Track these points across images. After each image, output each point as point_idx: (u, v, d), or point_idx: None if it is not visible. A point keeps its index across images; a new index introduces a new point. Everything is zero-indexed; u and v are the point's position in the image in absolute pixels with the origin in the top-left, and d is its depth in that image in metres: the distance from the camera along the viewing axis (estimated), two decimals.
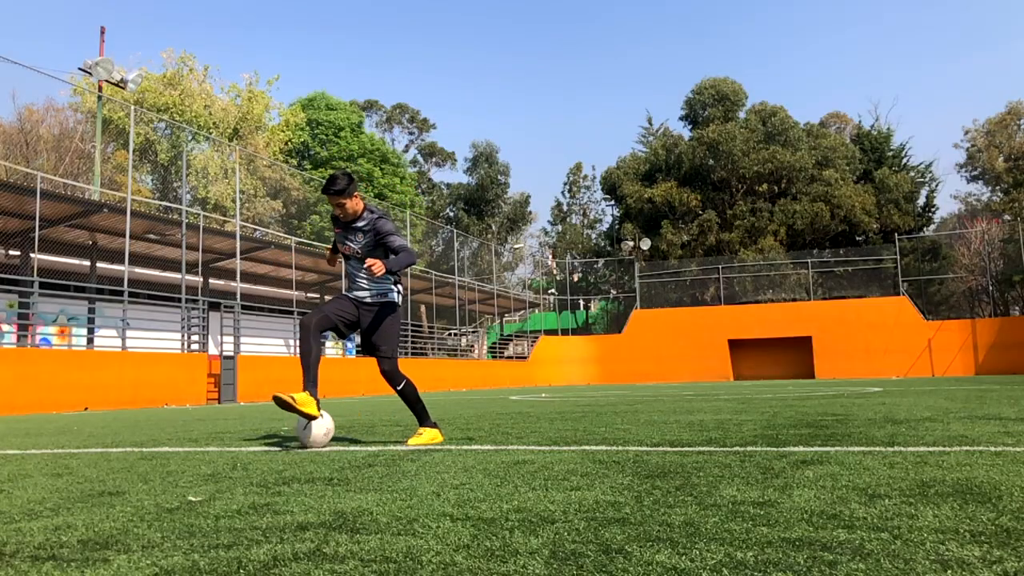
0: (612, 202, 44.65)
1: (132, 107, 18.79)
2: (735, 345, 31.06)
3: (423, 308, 33.69)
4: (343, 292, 4.51)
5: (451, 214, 49.39)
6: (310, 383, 4.11)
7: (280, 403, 3.96)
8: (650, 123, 46.71)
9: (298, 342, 4.69)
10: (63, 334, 15.63)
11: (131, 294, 15.58)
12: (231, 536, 1.88)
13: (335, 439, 4.97)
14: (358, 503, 2.33)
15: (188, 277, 18.26)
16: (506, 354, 34.35)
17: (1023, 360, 25.69)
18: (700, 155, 38.41)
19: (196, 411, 11.17)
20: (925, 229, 40.15)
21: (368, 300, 4.39)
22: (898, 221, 37.06)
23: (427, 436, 4.37)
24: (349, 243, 4.41)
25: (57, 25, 67.48)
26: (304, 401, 4.01)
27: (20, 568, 1.63)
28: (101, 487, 2.86)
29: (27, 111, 31.76)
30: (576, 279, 42.06)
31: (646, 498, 2.27)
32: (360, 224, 4.37)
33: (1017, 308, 37.70)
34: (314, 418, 4.07)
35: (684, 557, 1.56)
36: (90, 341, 15.95)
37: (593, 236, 49.59)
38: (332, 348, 23.92)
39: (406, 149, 50.79)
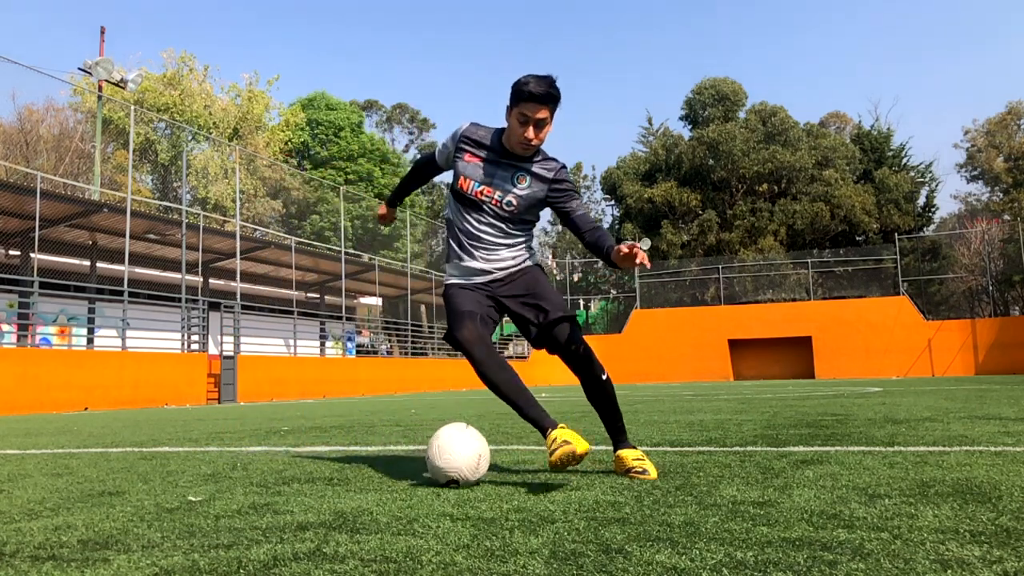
0: (612, 202, 44.63)
1: (132, 107, 18.80)
2: (735, 345, 31.05)
3: (423, 308, 33.68)
4: (454, 282, 2.95)
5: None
6: (535, 412, 2.74)
7: (563, 464, 2.49)
8: (650, 123, 46.68)
9: (475, 374, 2.82)
10: (63, 334, 15.63)
11: (131, 294, 15.58)
12: (231, 536, 1.88)
13: (333, 440, 4.96)
14: (358, 503, 2.33)
15: (188, 277, 18.26)
16: (506, 354, 34.35)
17: (1023, 360, 25.69)
18: (700, 155, 38.41)
19: (196, 411, 11.17)
20: (925, 229, 40.14)
21: (512, 268, 2.94)
22: (898, 221, 37.05)
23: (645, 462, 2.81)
24: (500, 186, 2.84)
25: (57, 25, 67.51)
26: (563, 439, 2.53)
27: (20, 568, 1.63)
28: (101, 487, 2.86)
29: (27, 111, 31.78)
30: (576, 279, 42.06)
31: (646, 498, 2.27)
32: (535, 167, 2.85)
33: (1017, 308, 37.70)
34: (584, 453, 2.50)
35: (684, 557, 1.56)
36: (90, 341, 15.96)
37: None
38: (332, 348, 23.92)
39: (406, 149, 50.81)
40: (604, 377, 2.92)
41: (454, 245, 2.96)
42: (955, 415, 5.49)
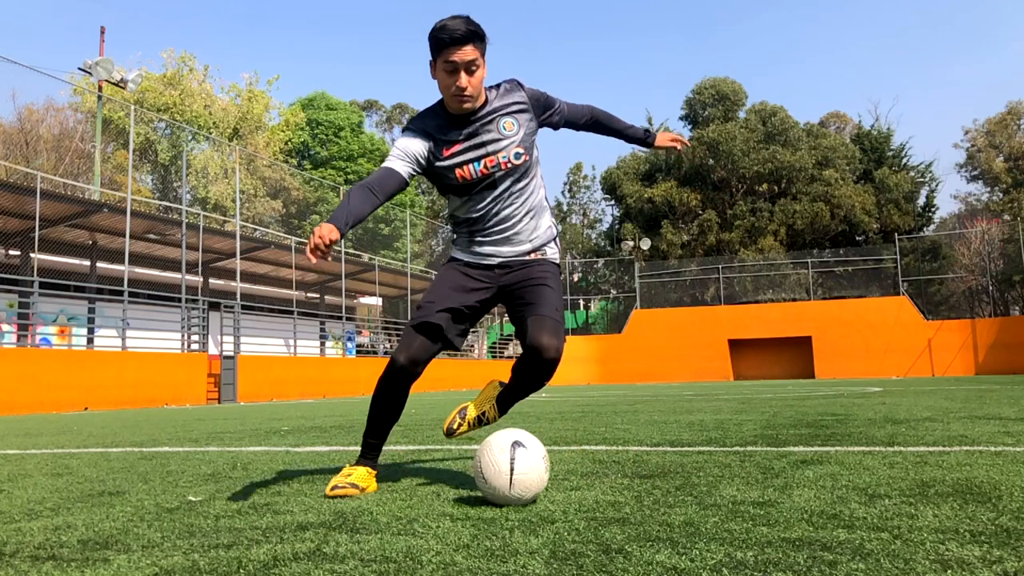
0: (612, 202, 44.63)
1: (132, 107, 18.81)
2: (735, 345, 31.05)
3: None
4: (458, 257, 2.69)
5: None
6: (374, 441, 2.67)
7: (335, 495, 2.47)
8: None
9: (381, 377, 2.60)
10: (63, 334, 15.64)
11: (131, 294, 15.59)
12: (231, 536, 1.89)
13: (333, 440, 4.96)
14: (358, 503, 2.33)
15: (188, 277, 18.27)
16: (506, 354, 34.34)
17: (1023, 360, 25.69)
18: (700, 155, 38.41)
19: (196, 411, 11.17)
20: (925, 229, 40.14)
21: (525, 256, 2.63)
22: (898, 221, 37.06)
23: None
24: (495, 146, 2.51)
25: (57, 25, 67.51)
26: (356, 479, 2.53)
27: (20, 568, 1.63)
28: (101, 487, 2.86)
29: (27, 111, 31.77)
30: (576, 279, 42.04)
31: (646, 498, 2.27)
32: (499, 103, 2.55)
33: (1017, 308, 37.71)
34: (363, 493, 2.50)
35: (684, 557, 1.56)
36: (90, 341, 15.96)
37: (593, 236, 49.59)
38: (332, 348, 23.92)
39: None
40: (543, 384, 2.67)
41: (466, 238, 2.67)
42: (955, 415, 5.49)
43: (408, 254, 30.14)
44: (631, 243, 37.02)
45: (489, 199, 2.57)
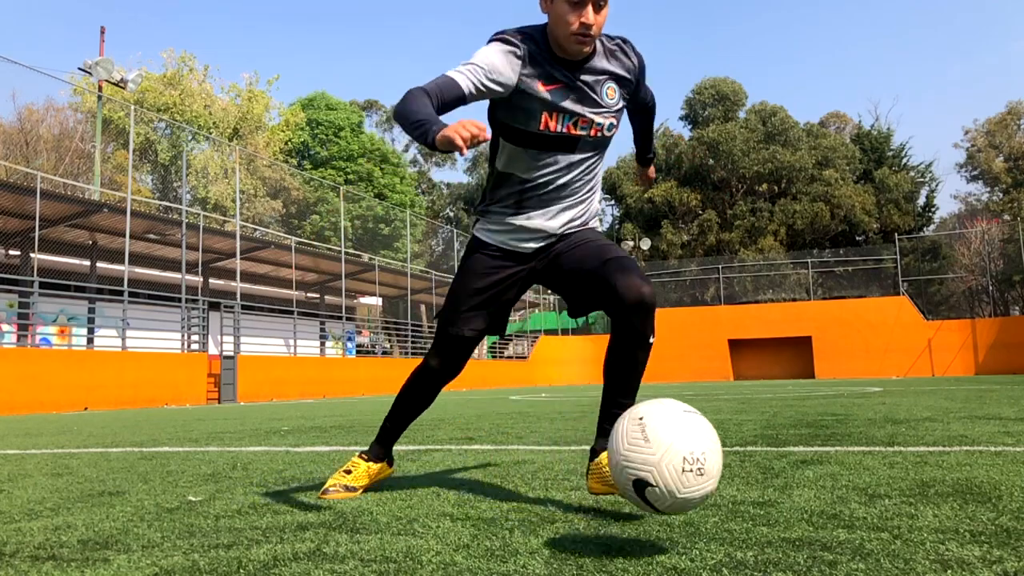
0: (612, 202, 44.64)
1: (132, 107, 18.82)
2: (735, 345, 31.05)
3: (423, 308, 33.68)
4: (489, 242, 2.32)
5: (451, 214, 49.39)
6: (392, 435, 2.54)
7: (327, 495, 2.44)
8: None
9: (415, 374, 2.46)
10: (63, 334, 15.64)
11: (131, 294, 15.59)
12: (231, 536, 1.88)
13: (333, 440, 4.96)
14: (358, 503, 2.33)
15: (188, 277, 18.26)
16: (506, 354, 34.34)
17: (1023, 360, 25.69)
18: (700, 155, 38.42)
19: (196, 411, 11.17)
20: (925, 229, 40.17)
21: (563, 230, 2.30)
22: (898, 221, 37.07)
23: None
24: (593, 109, 2.16)
25: (57, 25, 67.52)
26: (368, 476, 2.50)
27: (20, 568, 1.63)
28: (101, 487, 2.86)
29: (27, 111, 31.78)
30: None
31: None
32: (611, 64, 2.20)
33: (1017, 308, 37.72)
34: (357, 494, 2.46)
35: (684, 557, 1.56)
36: (90, 341, 15.96)
37: None
38: (332, 348, 23.92)
39: (406, 149, 50.78)
40: (651, 340, 2.21)
41: (511, 201, 2.25)
42: (955, 415, 5.49)
43: (408, 254, 30.14)
44: (631, 243, 37.03)
45: (560, 165, 2.19)
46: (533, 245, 2.29)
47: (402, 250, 34.40)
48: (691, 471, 1.56)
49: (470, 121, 1.76)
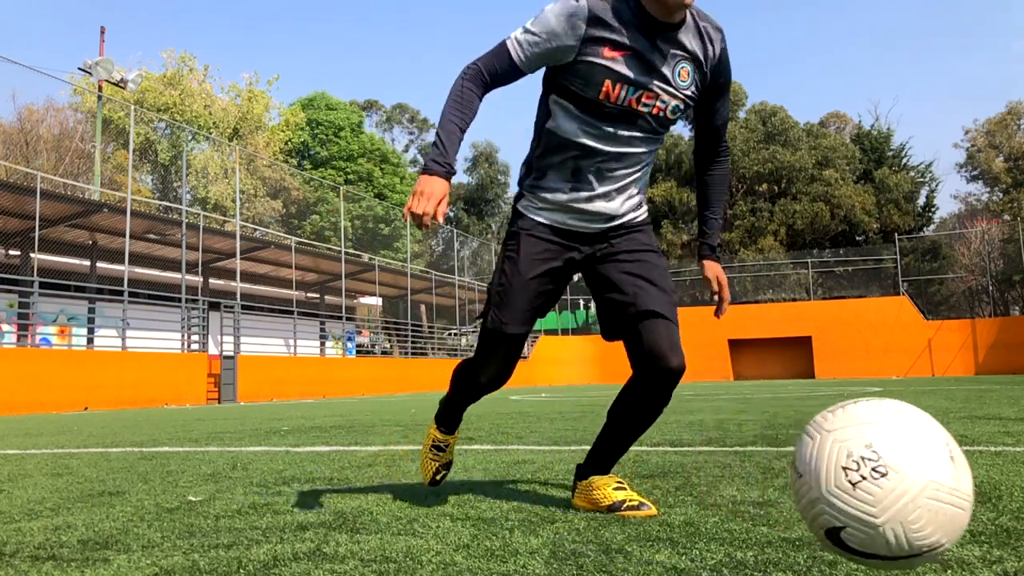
0: None
1: (132, 107, 18.82)
2: (735, 345, 31.05)
3: (423, 308, 33.69)
4: (541, 221, 2.09)
5: (451, 214, 49.38)
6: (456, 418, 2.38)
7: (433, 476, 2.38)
8: None
9: (466, 369, 2.27)
10: (63, 334, 15.64)
11: (131, 294, 15.59)
12: (231, 536, 1.88)
13: (333, 440, 4.96)
14: (358, 503, 2.33)
15: (188, 277, 18.27)
16: None
17: (1023, 360, 25.68)
18: None
19: (196, 411, 11.17)
20: (925, 229, 40.16)
21: (625, 218, 2.12)
22: (898, 221, 37.07)
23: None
24: (662, 87, 1.95)
25: (57, 25, 67.52)
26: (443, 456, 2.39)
27: (20, 568, 1.63)
28: (101, 487, 2.86)
29: (27, 111, 31.78)
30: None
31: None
32: (691, 42, 1.96)
33: (1017, 308, 37.71)
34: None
35: (684, 557, 1.56)
36: (90, 341, 15.96)
37: None
38: (332, 348, 23.92)
39: (406, 149, 50.81)
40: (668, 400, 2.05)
41: (566, 171, 2.04)
42: (955, 415, 5.49)
43: (408, 254, 30.15)
44: None
45: (619, 139, 1.98)
46: (593, 227, 2.07)
47: (402, 250, 34.41)
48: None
49: (430, 197, 1.79)
